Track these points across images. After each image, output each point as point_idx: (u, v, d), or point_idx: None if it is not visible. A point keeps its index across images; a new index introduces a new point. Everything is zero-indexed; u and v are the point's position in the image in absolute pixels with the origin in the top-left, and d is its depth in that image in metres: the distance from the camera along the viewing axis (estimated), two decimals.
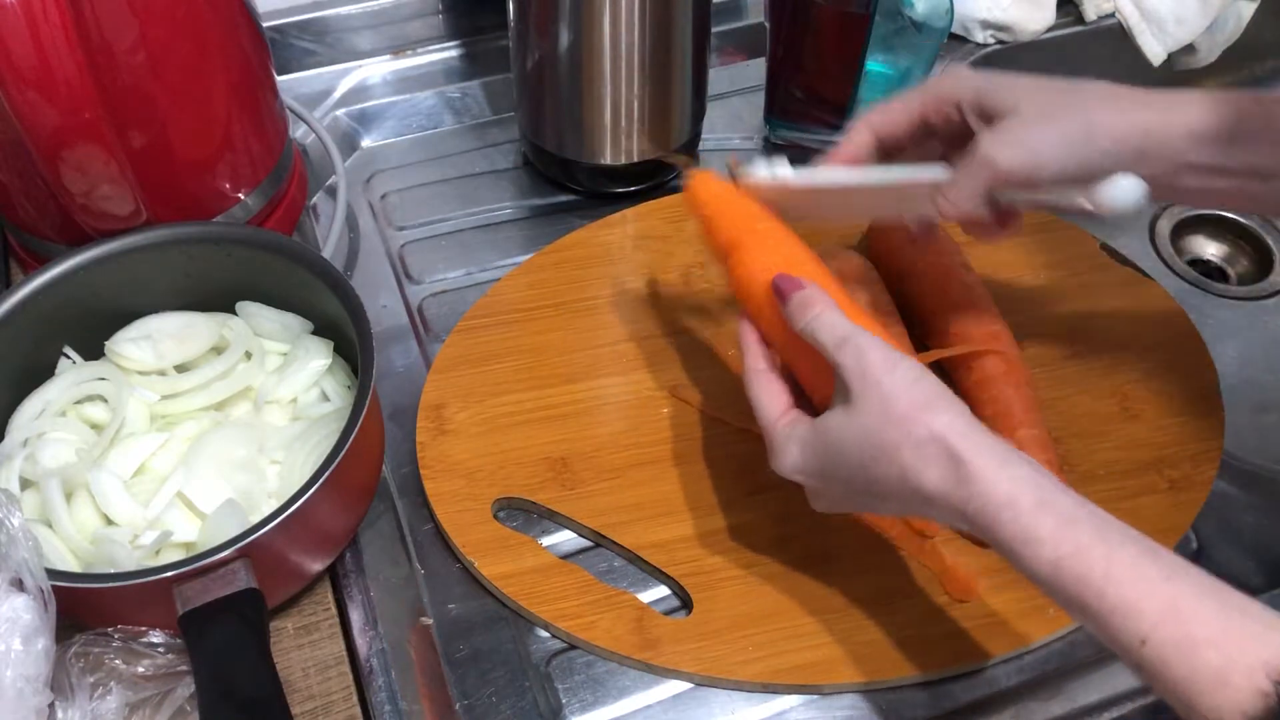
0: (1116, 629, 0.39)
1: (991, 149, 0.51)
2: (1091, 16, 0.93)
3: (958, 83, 0.54)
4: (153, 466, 0.57)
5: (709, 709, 0.54)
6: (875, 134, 0.56)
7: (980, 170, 0.51)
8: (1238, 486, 0.63)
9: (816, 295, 0.50)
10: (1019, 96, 0.51)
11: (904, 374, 0.46)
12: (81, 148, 0.53)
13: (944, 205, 0.53)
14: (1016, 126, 0.51)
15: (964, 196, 0.52)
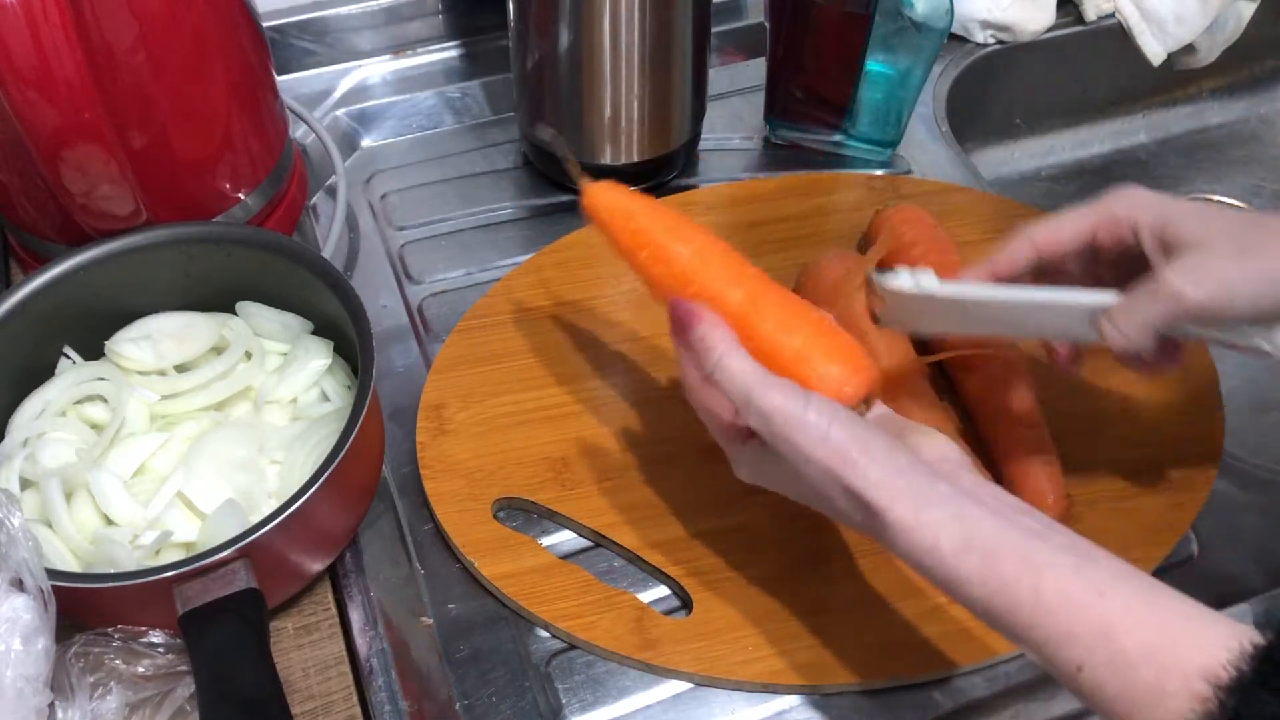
0: (1052, 658, 0.39)
1: (1179, 280, 0.47)
2: (1091, 16, 0.93)
3: (1136, 204, 0.51)
4: (153, 466, 0.57)
5: (709, 709, 0.54)
6: (1038, 250, 0.53)
7: (1163, 301, 0.47)
8: (1238, 486, 0.63)
9: (712, 336, 0.47)
10: (1209, 228, 0.48)
11: (813, 432, 0.44)
12: (81, 148, 0.53)
13: (1111, 333, 0.49)
14: (1208, 260, 0.47)
15: (1137, 326, 0.49)
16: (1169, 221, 0.49)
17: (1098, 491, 0.60)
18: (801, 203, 0.76)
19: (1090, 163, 1.01)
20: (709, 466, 0.62)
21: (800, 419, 0.44)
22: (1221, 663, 0.35)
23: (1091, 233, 0.52)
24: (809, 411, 0.44)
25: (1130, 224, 0.51)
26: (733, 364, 0.47)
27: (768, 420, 0.45)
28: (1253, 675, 0.35)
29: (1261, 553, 0.61)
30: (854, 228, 0.74)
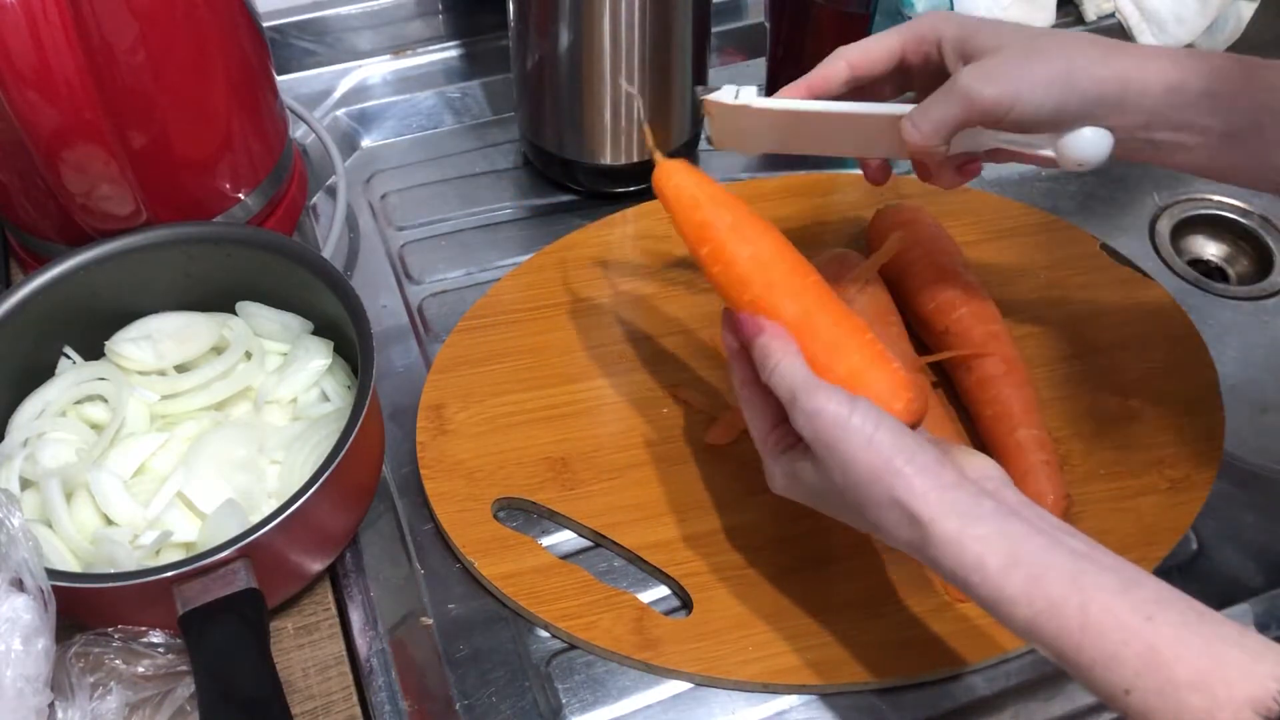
0: (1098, 681, 0.39)
1: (971, 80, 0.50)
2: (1091, 16, 0.93)
3: (940, 21, 0.53)
4: (153, 466, 0.57)
5: (709, 709, 0.54)
6: (850, 67, 0.55)
7: (956, 99, 0.50)
8: (1238, 486, 0.63)
9: (773, 346, 0.48)
10: (1003, 38, 0.51)
11: (857, 436, 0.44)
12: (81, 148, 0.53)
13: (910, 132, 0.52)
14: (998, 63, 0.50)
15: (933, 123, 0.51)
16: (969, 35, 0.52)
17: (1098, 491, 0.60)
18: (801, 203, 0.76)
19: None
20: (709, 466, 0.62)
21: (845, 420, 0.45)
22: (1272, 693, 0.35)
23: (900, 50, 0.54)
24: (855, 415, 0.45)
25: (935, 40, 0.53)
26: (787, 367, 0.47)
27: (813, 420, 0.45)
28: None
29: (1261, 553, 0.61)
30: (854, 228, 0.74)
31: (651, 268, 0.72)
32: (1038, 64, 0.50)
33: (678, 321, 0.69)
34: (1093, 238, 0.74)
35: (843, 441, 0.45)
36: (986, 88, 0.50)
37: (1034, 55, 0.50)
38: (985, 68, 0.50)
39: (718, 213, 0.53)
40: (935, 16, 0.54)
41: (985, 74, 0.50)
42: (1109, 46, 0.50)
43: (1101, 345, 0.68)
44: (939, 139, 0.52)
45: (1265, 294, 0.77)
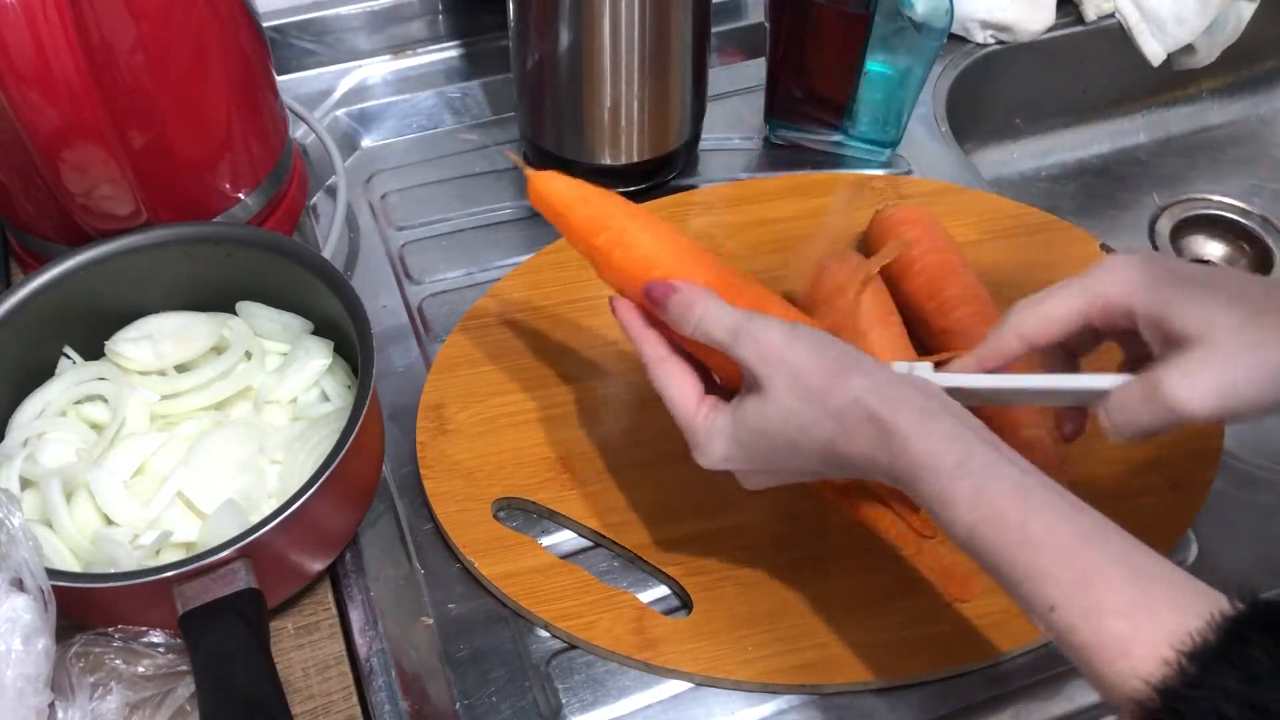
0: (1028, 594, 0.39)
1: (1177, 390, 0.43)
2: (1091, 16, 0.93)
3: (1128, 287, 0.46)
4: (153, 466, 0.57)
5: (709, 709, 0.54)
6: (1026, 342, 0.49)
7: (1160, 409, 0.44)
8: (1238, 486, 0.63)
9: (694, 294, 0.48)
10: (1210, 320, 0.43)
11: (807, 345, 0.45)
12: (81, 148, 0.53)
13: (1108, 427, 0.46)
14: (1205, 362, 0.43)
15: (1132, 426, 0.45)
16: (1166, 311, 0.45)
17: (1098, 491, 0.60)
18: (801, 203, 0.76)
19: (1090, 163, 1.01)
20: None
21: (794, 335, 0.45)
22: (1190, 629, 0.36)
23: (1082, 318, 0.48)
24: (798, 331, 0.45)
25: (1124, 309, 0.46)
26: (714, 307, 0.47)
27: (759, 343, 0.45)
28: (1218, 645, 0.35)
29: (1261, 553, 0.61)
30: (854, 228, 0.74)
31: None
32: (1258, 363, 0.43)
33: None
34: (1093, 238, 0.74)
35: (793, 354, 0.45)
36: (1197, 399, 0.43)
37: (1250, 350, 0.43)
38: (1192, 370, 0.43)
39: (607, 203, 0.53)
40: (1123, 275, 0.46)
41: (1192, 380, 0.43)
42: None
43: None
44: (1139, 438, 0.45)
45: None
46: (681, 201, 0.77)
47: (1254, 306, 0.44)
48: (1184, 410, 0.43)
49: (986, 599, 0.56)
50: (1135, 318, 0.46)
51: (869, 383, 0.44)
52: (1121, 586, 0.38)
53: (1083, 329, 0.48)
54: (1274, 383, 0.43)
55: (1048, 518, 0.40)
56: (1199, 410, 0.43)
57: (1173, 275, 0.46)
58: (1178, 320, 0.44)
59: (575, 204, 0.53)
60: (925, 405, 0.44)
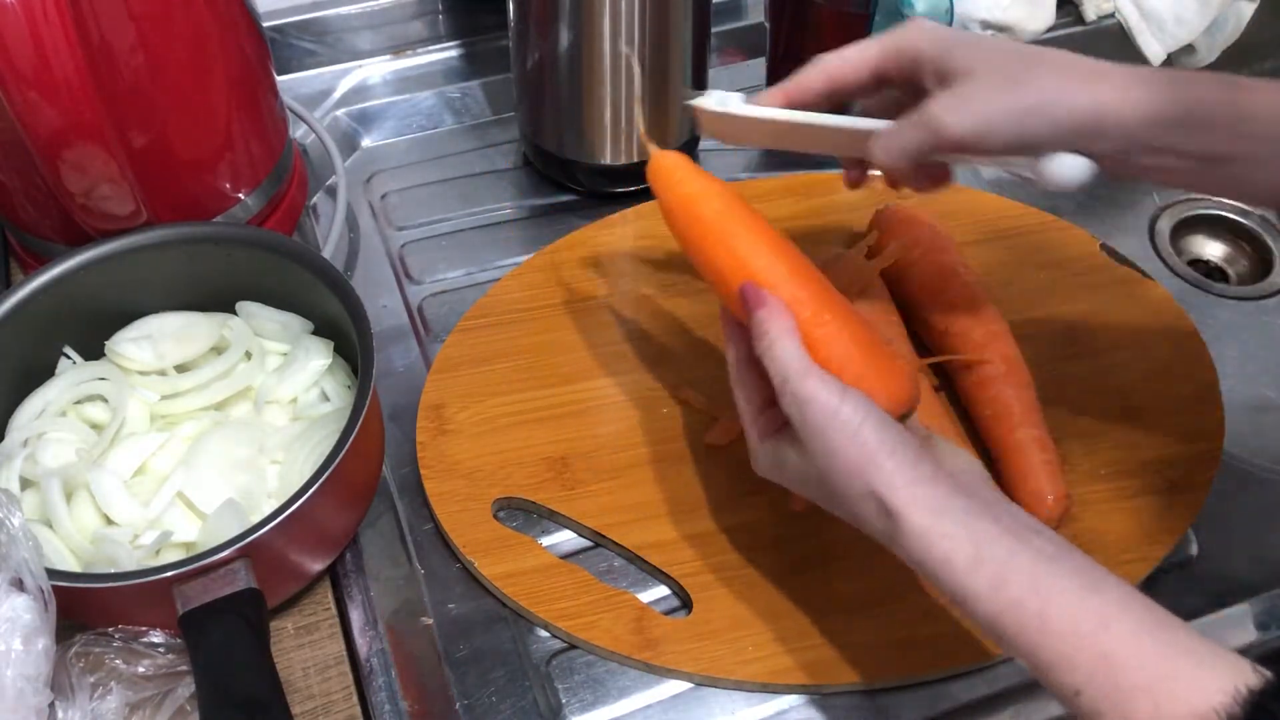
0: (1054, 681, 0.40)
1: (940, 111, 0.49)
2: (1091, 16, 0.93)
3: (919, 36, 0.52)
4: (153, 466, 0.57)
5: (709, 709, 0.54)
6: (828, 77, 0.54)
7: (924, 129, 0.50)
8: (1238, 486, 0.63)
9: (772, 321, 0.49)
10: (977, 59, 0.49)
11: (844, 428, 0.45)
12: (81, 148, 0.53)
13: (878, 155, 0.52)
14: (970, 91, 0.49)
15: (898, 149, 0.51)
16: (944, 53, 0.50)
17: (1098, 491, 0.60)
18: (801, 203, 0.76)
19: None
20: (709, 466, 0.62)
21: (834, 411, 0.45)
22: (1215, 705, 0.36)
23: (878, 62, 0.53)
24: (844, 405, 0.45)
25: (912, 55, 0.51)
26: (782, 348, 0.48)
27: (802, 407, 0.46)
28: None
29: (1261, 553, 0.61)
30: (854, 228, 0.74)
31: (651, 267, 0.72)
32: (1010, 93, 0.48)
33: (678, 321, 0.69)
34: (1093, 238, 0.74)
35: (829, 430, 0.45)
36: (955, 120, 0.49)
37: (1007, 84, 0.48)
38: (956, 97, 0.49)
39: (716, 202, 0.54)
40: (915, 30, 0.52)
41: (955, 104, 0.49)
42: (1088, 72, 0.49)
43: (1101, 345, 0.68)
44: (906, 164, 0.51)
45: (1265, 294, 0.77)
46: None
47: (1016, 51, 0.50)
48: (944, 129, 0.49)
49: None
50: (920, 59, 0.51)
51: (893, 478, 0.44)
52: (1144, 665, 0.38)
53: (876, 74, 0.53)
54: (1018, 117, 0.48)
55: (1065, 604, 0.40)
56: (956, 128, 0.48)
57: (957, 33, 0.52)
58: (953, 59, 0.50)
59: (686, 199, 0.55)
60: (945, 502, 0.44)
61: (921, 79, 0.52)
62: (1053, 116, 0.48)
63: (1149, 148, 0.49)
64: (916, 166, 0.52)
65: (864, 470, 0.45)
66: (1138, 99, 0.48)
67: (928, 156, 0.51)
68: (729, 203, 0.54)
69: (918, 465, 0.45)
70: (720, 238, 0.53)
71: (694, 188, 0.54)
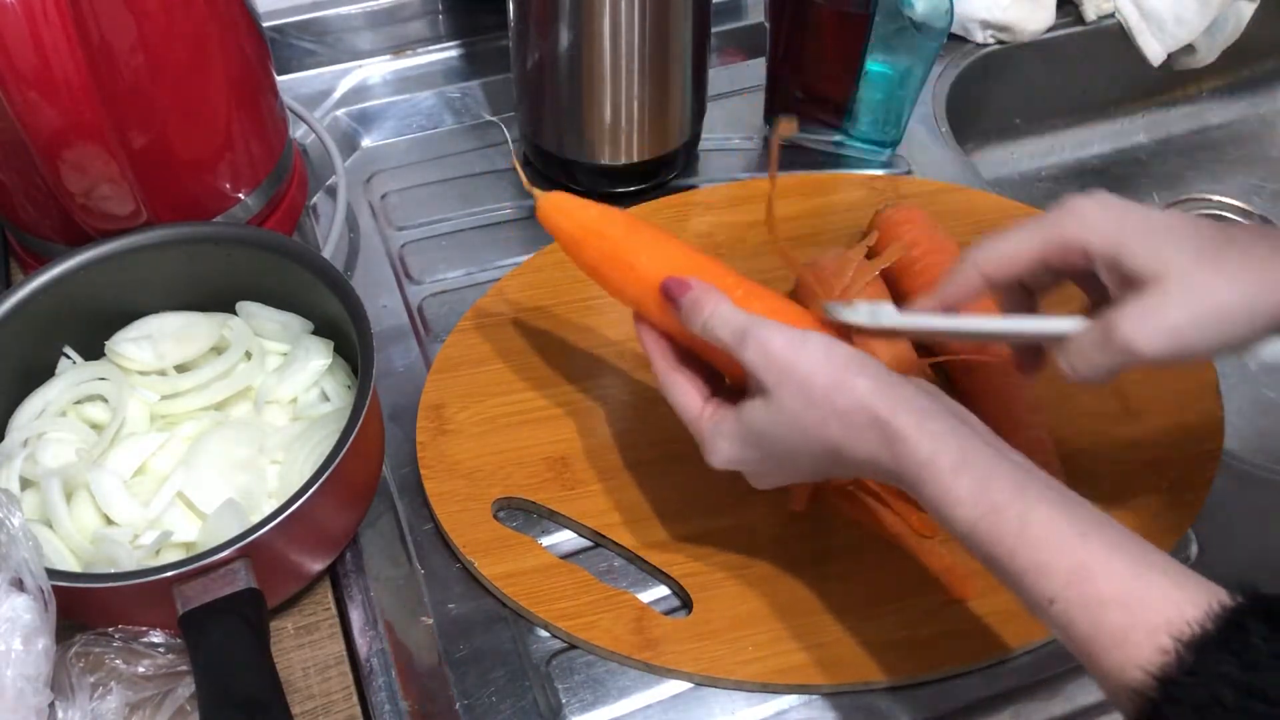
0: (1028, 588, 0.40)
1: (1132, 334, 0.43)
2: (1091, 16, 0.93)
3: (1085, 227, 0.46)
4: (153, 466, 0.57)
5: (709, 709, 0.54)
6: (985, 278, 0.49)
7: (1115, 353, 0.44)
8: (1238, 486, 0.63)
9: (705, 295, 0.49)
10: (1164, 260, 0.44)
11: (813, 351, 0.46)
12: (81, 148, 0.53)
13: (1067, 371, 0.46)
14: (1160, 304, 0.43)
15: (1090, 370, 0.45)
16: (1122, 252, 0.45)
17: (1098, 491, 0.60)
18: (801, 203, 0.76)
19: (1090, 163, 1.01)
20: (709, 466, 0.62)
21: (800, 341, 0.46)
22: (1188, 618, 0.36)
23: (1041, 257, 0.48)
24: (806, 336, 0.46)
25: (1081, 249, 0.47)
26: (725, 309, 0.48)
27: (766, 348, 0.46)
28: (1216, 634, 0.36)
29: (1261, 553, 0.61)
30: (854, 228, 0.74)
31: None
32: (1208, 300, 0.43)
33: None
34: None
35: (801, 359, 0.45)
36: (1151, 341, 0.43)
37: (1204, 289, 0.43)
38: (1147, 312, 0.43)
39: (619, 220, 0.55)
40: (1082, 214, 0.46)
41: (1147, 322, 0.43)
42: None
43: None
44: (1101, 379, 0.46)
45: None
46: (681, 202, 0.77)
47: (1206, 247, 0.44)
48: (1137, 352, 0.44)
49: (986, 599, 0.56)
50: (1092, 258, 0.46)
51: (873, 385, 0.45)
52: (1119, 578, 0.38)
53: (1041, 268, 0.48)
54: (1224, 323, 0.43)
55: (1046, 513, 0.41)
56: (1151, 352, 0.43)
57: (1128, 216, 0.46)
58: (1131, 261, 0.44)
59: (584, 232, 0.55)
60: (928, 406, 0.44)
61: (1094, 272, 0.47)
62: (1260, 321, 0.43)
63: None
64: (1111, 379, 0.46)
65: (845, 380, 0.44)
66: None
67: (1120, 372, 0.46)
68: (630, 220, 0.55)
69: (891, 377, 0.45)
70: (631, 246, 0.54)
71: (593, 212, 0.55)
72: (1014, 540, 0.40)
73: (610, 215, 0.55)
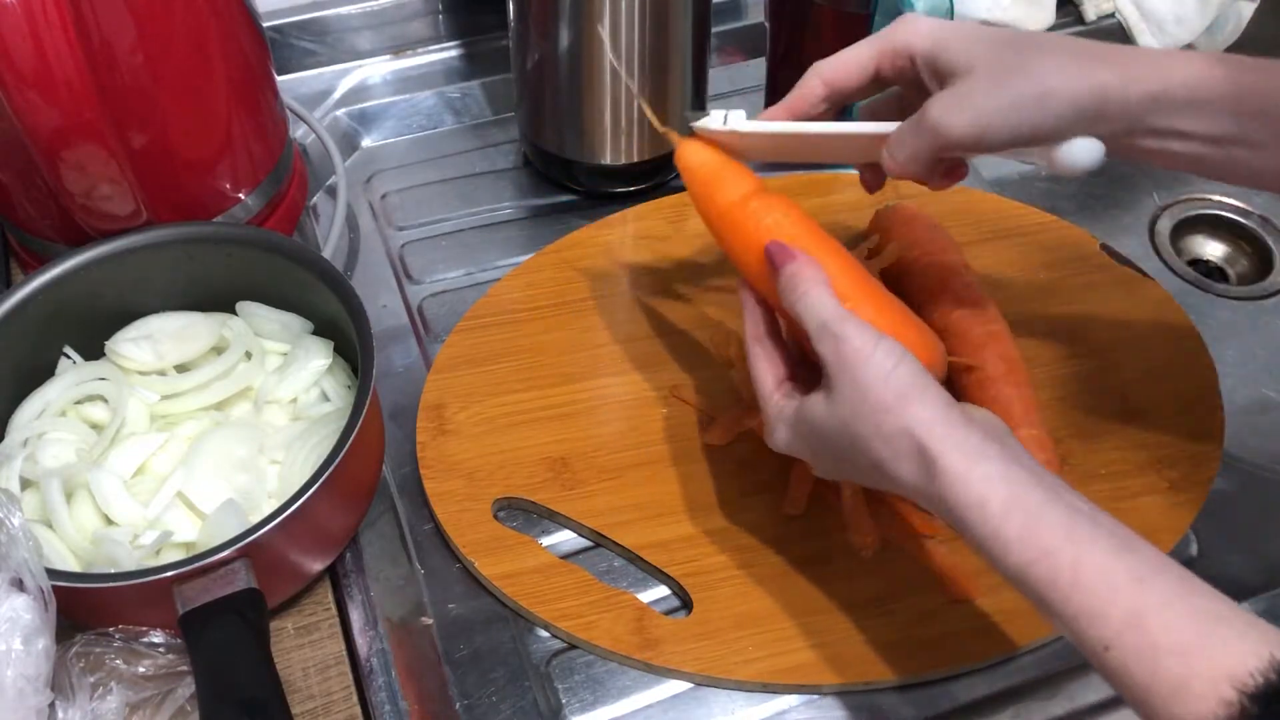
0: (1081, 634, 0.39)
1: (940, 114, 0.49)
2: (1091, 16, 0.93)
3: (912, 34, 0.51)
4: (153, 466, 0.57)
5: (709, 709, 0.54)
6: (825, 84, 0.54)
7: (926, 135, 0.49)
8: (1238, 486, 0.63)
9: (804, 272, 0.49)
10: (973, 56, 0.49)
11: (879, 363, 0.45)
12: (81, 148, 0.53)
13: (889, 163, 0.52)
14: (967, 90, 0.48)
15: (909, 155, 0.51)
16: (939, 51, 0.50)
17: (1098, 491, 0.60)
18: (801, 203, 0.75)
19: None
20: (709, 466, 0.62)
21: (870, 351, 0.46)
22: (1250, 669, 0.35)
23: (874, 64, 0.53)
24: (880, 348, 0.46)
25: (907, 54, 0.51)
26: (817, 294, 0.48)
27: (839, 345, 0.46)
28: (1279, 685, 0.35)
29: (1261, 553, 0.61)
30: (854, 228, 0.74)
31: (651, 268, 0.72)
32: (1007, 87, 0.48)
33: (677, 321, 0.69)
34: (1093, 238, 0.74)
35: (863, 369, 0.45)
36: (955, 121, 0.48)
37: (1004, 77, 0.48)
38: (954, 96, 0.49)
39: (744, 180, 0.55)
40: (908, 28, 0.52)
41: (953, 105, 0.49)
42: (1088, 57, 0.48)
43: (1101, 345, 0.68)
44: (917, 168, 0.51)
45: (1265, 294, 0.76)
46: (681, 201, 0.77)
47: (1011, 47, 0.49)
48: (945, 132, 0.48)
49: (987, 600, 0.56)
50: (915, 59, 0.51)
51: (927, 415, 0.44)
52: (1176, 626, 0.37)
53: (875, 77, 0.53)
54: (1018, 111, 0.47)
55: (1100, 557, 0.40)
56: (956, 132, 0.48)
57: (949, 26, 0.51)
58: (946, 56, 0.49)
59: (713, 180, 0.56)
60: (979, 447, 0.43)
61: (919, 77, 0.52)
62: (1051, 106, 0.47)
63: (1152, 130, 0.48)
64: (929, 168, 0.52)
65: (897, 406, 0.44)
66: (1138, 78, 0.47)
67: (936, 158, 0.51)
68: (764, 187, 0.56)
69: (949, 409, 0.45)
70: (747, 214, 0.54)
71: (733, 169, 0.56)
72: (1068, 586, 0.40)
73: (738, 173, 0.56)
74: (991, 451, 0.43)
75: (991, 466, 0.43)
